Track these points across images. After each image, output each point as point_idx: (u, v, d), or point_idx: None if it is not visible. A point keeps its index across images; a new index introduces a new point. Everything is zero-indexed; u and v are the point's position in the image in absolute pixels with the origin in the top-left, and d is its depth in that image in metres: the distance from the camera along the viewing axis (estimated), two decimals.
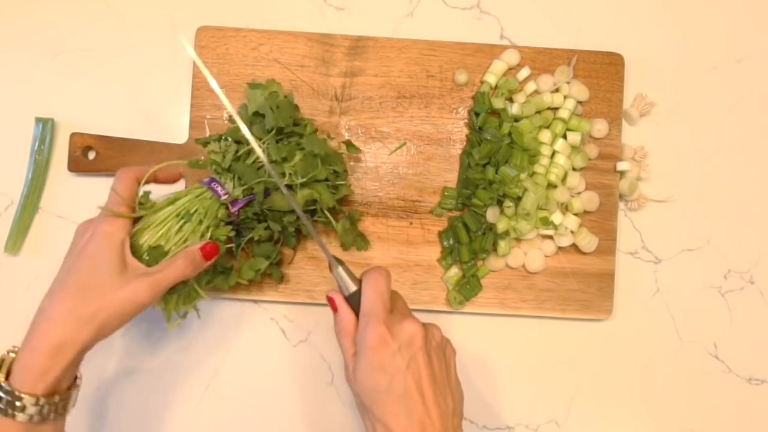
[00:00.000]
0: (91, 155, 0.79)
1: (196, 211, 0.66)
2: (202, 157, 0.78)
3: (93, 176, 0.79)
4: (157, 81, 0.81)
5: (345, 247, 0.77)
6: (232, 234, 0.69)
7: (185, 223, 0.66)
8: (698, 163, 0.82)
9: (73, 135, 0.78)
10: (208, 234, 0.67)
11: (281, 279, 0.78)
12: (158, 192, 0.68)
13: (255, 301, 0.80)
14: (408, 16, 0.82)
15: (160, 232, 0.64)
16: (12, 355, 0.58)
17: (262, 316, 0.80)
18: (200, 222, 0.66)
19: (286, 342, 0.80)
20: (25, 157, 0.79)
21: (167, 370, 0.79)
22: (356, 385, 0.61)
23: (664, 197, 0.82)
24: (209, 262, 0.65)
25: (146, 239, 0.64)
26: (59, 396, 0.58)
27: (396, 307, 0.65)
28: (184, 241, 0.65)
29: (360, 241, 0.78)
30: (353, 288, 0.65)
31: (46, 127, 0.79)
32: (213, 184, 0.68)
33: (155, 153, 0.78)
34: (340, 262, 0.65)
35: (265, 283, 0.78)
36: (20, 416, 0.55)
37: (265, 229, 0.72)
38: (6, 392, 0.56)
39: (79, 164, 0.78)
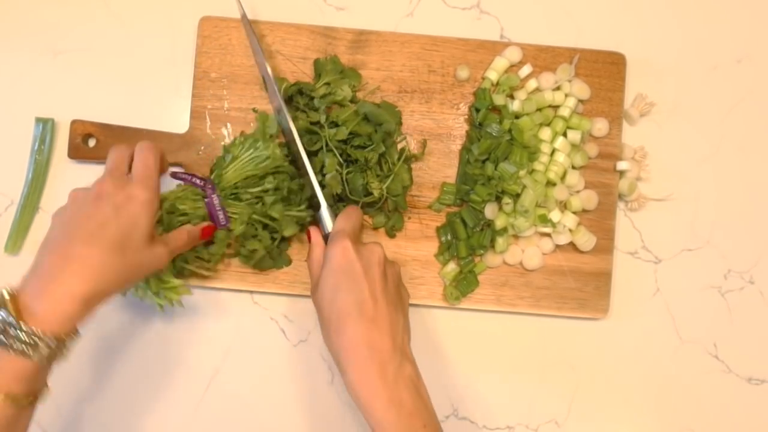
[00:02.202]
0: (92, 143, 0.79)
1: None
2: (202, 148, 0.79)
3: (93, 164, 0.79)
4: (158, 74, 0.81)
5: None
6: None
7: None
8: (698, 163, 0.82)
9: (73, 122, 0.78)
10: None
11: (287, 263, 0.78)
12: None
13: (255, 301, 0.80)
14: (408, 15, 0.83)
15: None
16: (5, 293, 0.57)
17: (262, 316, 0.80)
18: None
19: (286, 342, 0.80)
20: (25, 157, 0.79)
21: (167, 370, 0.79)
22: (318, 293, 0.66)
23: (664, 195, 0.81)
24: (203, 240, 0.72)
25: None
26: (69, 341, 0.59)
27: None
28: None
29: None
30: (331, 229, 0.71)
31: (46, 127, 0.79)
32: (215, 209, 0.72)
33: (156, 142, 0.77)
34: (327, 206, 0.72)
35: (262, 274, 0.78)
36: (35, 356, 0.56)
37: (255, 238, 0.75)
38: (27, 334, 0.55)
39: (79, 151, 0.78)
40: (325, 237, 0.71)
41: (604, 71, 0.80)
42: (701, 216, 0.82)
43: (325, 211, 0.72)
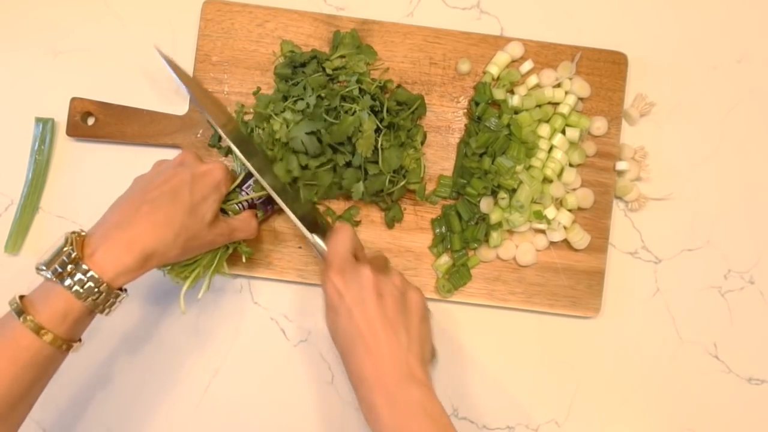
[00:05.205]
0: (91, 121, 0.79)
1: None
2: (201, 131, 0.79)
3: (93, 142, 0.79)
4: (158, 68, 0.80)
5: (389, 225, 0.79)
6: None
7: None
8: (698, 163, 0.82)
9: (73, 99, 0.78)
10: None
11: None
12: None
13: (255, 301, 0.79)
14: (408, 15, 0.83)
15: None
16: (75, 235, 0.58)
17: (262, 316, 0.79)
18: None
19: (286, 342, 0.79)
20: (25, 157, 0.79)
21: (167, 370, 0.78)
22: (328, 327, 0.67)
23: (664, 195, 0.80)
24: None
25: None
26: (118, 296, 0.61)
27: (373, 262, 0.68)
28: None
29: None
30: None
31: (46, 127, 0.79)
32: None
33: (155, 123, 0.79)
34: (316, 229, 0.71)
35: (255, 259, 0.77)
36: (87, 300, 0.57)
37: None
38: (86, 274, 0.57)
39: (77, 129, 0.79)
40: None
41: (605, 70, 0.81)
42: (701, 216, 0.81)
43: (314, 239, 0.70)
